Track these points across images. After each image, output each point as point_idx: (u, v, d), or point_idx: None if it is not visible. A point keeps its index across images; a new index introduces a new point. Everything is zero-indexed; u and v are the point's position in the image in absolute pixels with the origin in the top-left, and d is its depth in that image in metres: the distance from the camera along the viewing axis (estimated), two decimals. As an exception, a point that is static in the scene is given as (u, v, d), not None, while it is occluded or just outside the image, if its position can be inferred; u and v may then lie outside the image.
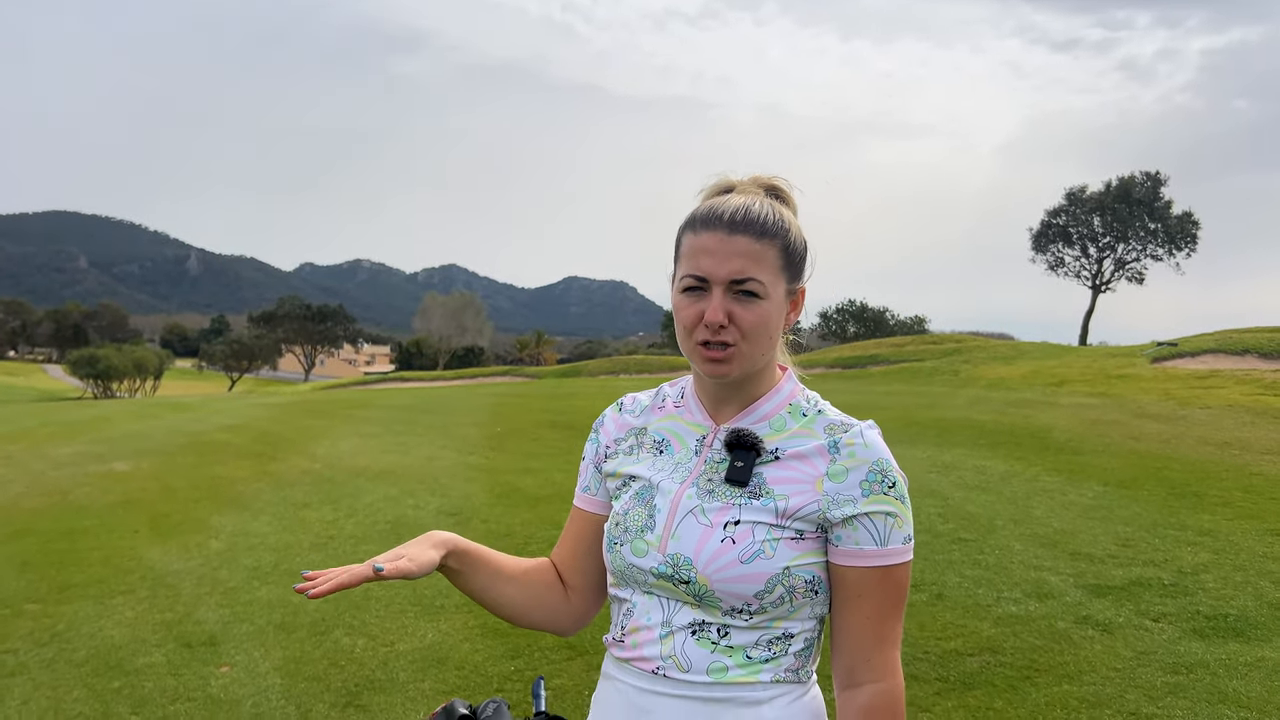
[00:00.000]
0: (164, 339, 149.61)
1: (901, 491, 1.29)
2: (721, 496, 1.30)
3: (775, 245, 1.30)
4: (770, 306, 1.29)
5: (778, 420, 1.34)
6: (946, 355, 22.00)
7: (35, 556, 6.33)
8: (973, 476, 8.14)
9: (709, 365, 1.30)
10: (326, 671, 4.24)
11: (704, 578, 1.25)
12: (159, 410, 19.75)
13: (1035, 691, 3.83)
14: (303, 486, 8.84)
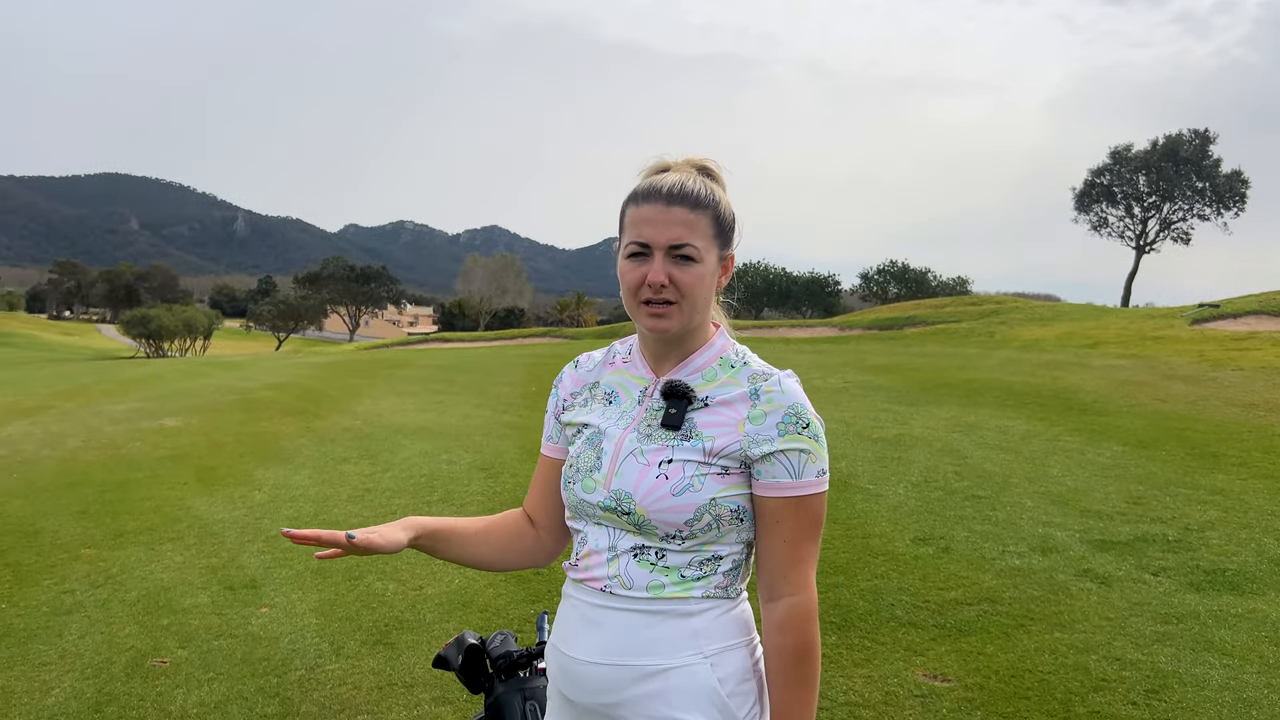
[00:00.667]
0: (213, 299, 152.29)
1: (815, 431, 1.45)
2: (658, 439, 1.49)
3: (707, 215, 1.48)
4: (704, 270, 1.47)
5: (709, 372, 1.52)
6: (984, 317, 21.90)
7: (91, 505, 6.71)
8: (994, 436, 8.25)
9: (651, 321, 1.48)
10: (359, 612, 4.53)
11: (641, 509, 1.45)
12: (208, 369, 20.32)
13: (1027, 638, 4.01)
14: (343, 442, 9.19)
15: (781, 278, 67.88)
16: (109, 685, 3.74)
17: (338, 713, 3.49)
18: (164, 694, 3.67)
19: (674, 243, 1.45)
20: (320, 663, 3.94)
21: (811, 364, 15.71)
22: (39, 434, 9.98)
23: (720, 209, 1.51)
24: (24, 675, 3.84)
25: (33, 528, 6.09)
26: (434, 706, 3.52)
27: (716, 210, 1.50)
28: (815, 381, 13.15)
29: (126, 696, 3.65)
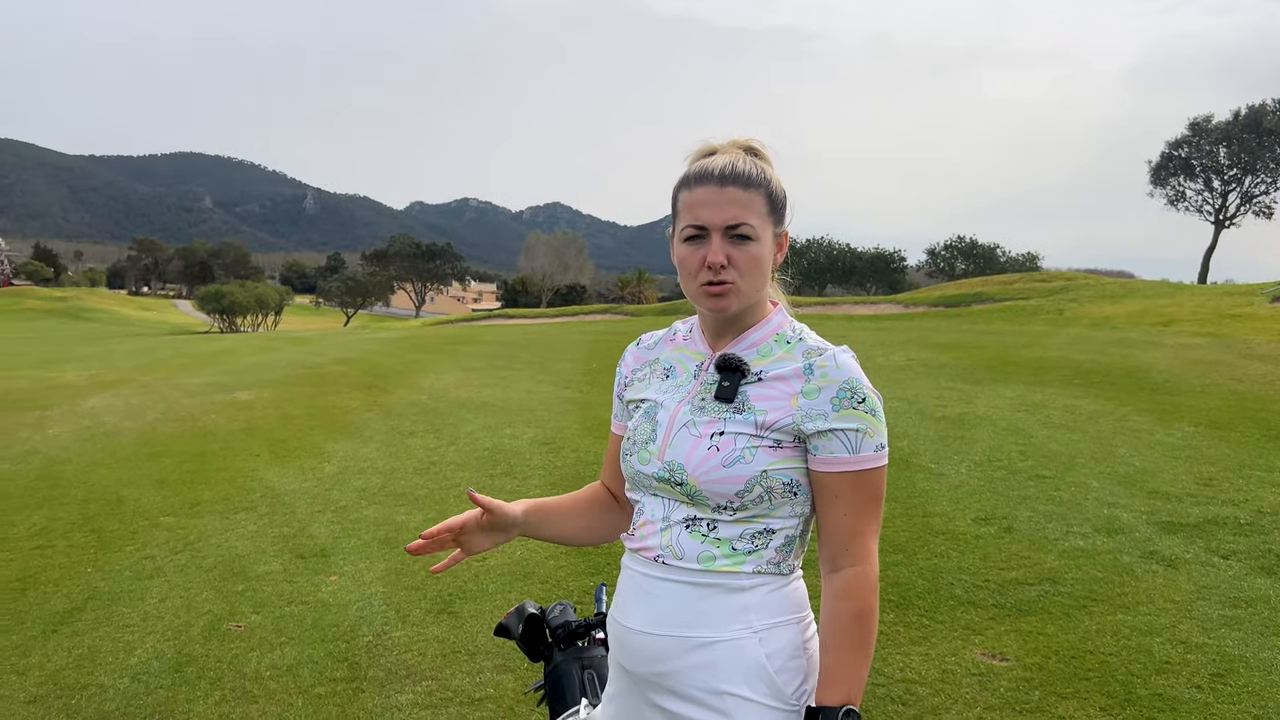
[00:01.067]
0: (283, 276, 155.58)
1: (872, 406, 1.46)
2: (711, 412, 1.52)
3: (760, 194, 1.50)
4: (761, 248, 1.50)
5: (765, 347, 1.54)
6: (1053, 294, 21.42)
7: (170, 475, 6.97)
8: (1060, 415, 8.11)
9: (711, 301, 1.51)
10: (424, 582, 4.65)
11: (693, 479, 1.48)
12: (279, 344, 20.83)
13: (1089, 619, 3.96)
14: (409, 416, 9.38)
15: (845, 254, 67.09)
16: (187, 647, 3.91)
17: (403, 678, 3.61)
18: (239, 656, 3.82)
19: (730, 223, 1.47)
20: (387, 630, 4.07)
21: (874, 341, 15.54)
22: (120, 406, 10.37)
23: (772, 187, 1.52)
24: (109, 636, 4.03)
25: (116, 496, 6.35)
26: (495, 674, 3.62)
27: (768, 188, 1.52)
28: (878, 359, 13.02)
29: (204, 658, 3.81)
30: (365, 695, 3.48)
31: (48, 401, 10.81)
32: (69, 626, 4.14)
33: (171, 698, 3.47)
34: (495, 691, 3.48)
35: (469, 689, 3.50)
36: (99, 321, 74.74)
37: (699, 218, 1.49)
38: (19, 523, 5.73)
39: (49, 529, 5.60)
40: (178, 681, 3.60)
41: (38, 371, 14.87)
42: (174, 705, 3.42)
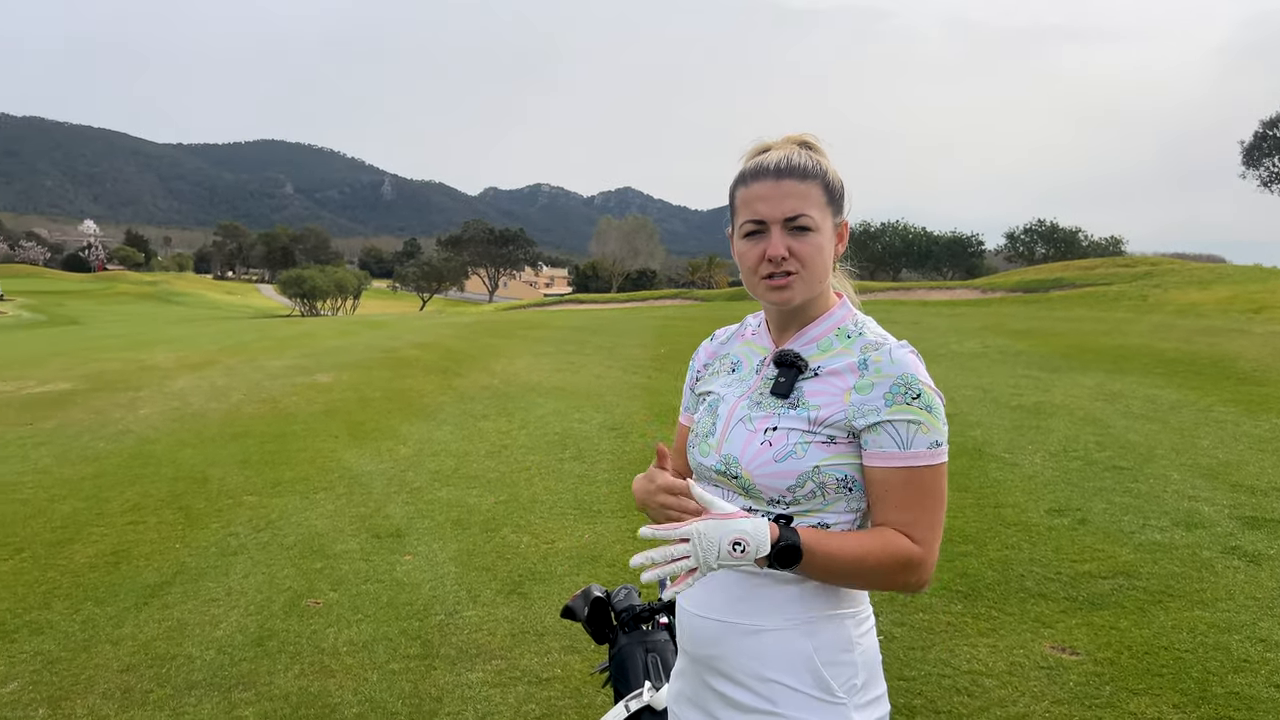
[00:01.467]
0: (362, 261, 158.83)
1: (927, 403, 1.43)
2: (767, 407, 1.54)
3: (817, 185, 1.50)
4: (821, 239, 1.50)
5: (825, 342, 1.54)
6: (1137, 279, 20.76)
7: (253, 455, 7.22)
8: (1140, 405, 7.89)
9: (774, 294, 1.52)
10: (494, 563, 4.75)
11: (747, 473, 1.50)
12: (357, 328, 21.32)
13: (1164, 615, 3.88)
14: (482, 400, 9.55)
15: (921, 237, 65.88)
16: (269, 622, 4.07)
17: (474, 657, 3.70)
18: (317, 632, 3.96)
19: (789, 215, 1.48)
20: (458, 609, 4.17)
21: (949, 328, 15.27)
22: (206, 387, 10.76)
23: (828, 177, 1.53)
24: (196, 610, 4.22)
25: (202, 475, 6.61)
26: (563, 655, 3.69)
27: (825, 179, 1.52)
28: (952, 346, 12.81)
29: (284, 633, 3.96)
30: (437, 672, 3.58)
31: (139, 383, 11.27)
32: (159, 599, 4.34)
33: (254, 670, 3.62)
34: (562, 672, 3.55)
35: (537, 669, 3.58)
36: (187, 305, 77.35)
37: (757, 212, 1.50)
38: (113, 499, 6.00)
39: (140, 505, 5.86)
40: (260, 654, 3.75)
41: (130, 354, 15.48)
42: (256, 677, 3.56)
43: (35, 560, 4.88)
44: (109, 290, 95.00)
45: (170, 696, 3.42)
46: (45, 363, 14.41)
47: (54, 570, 4.73)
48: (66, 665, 3.68)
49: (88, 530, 5.37)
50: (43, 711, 3.33)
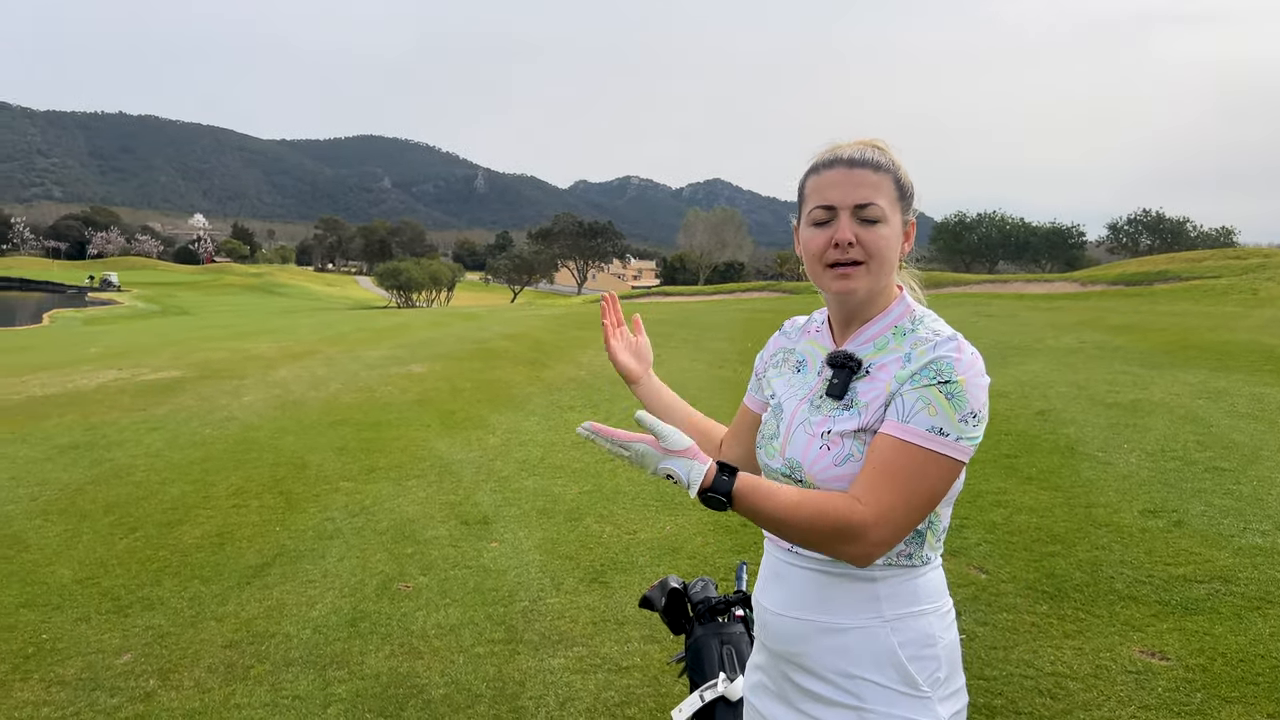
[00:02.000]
0: (455, 253, 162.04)
1: (952, 391, 1.40)
2: (823, 410, 1.55)
3: (889, 178, 1.51)
4: (890, 232, 1.50)
5: (881, 340, 1.54)
6: (1248, 272, 19.82)
7: (350, 443, 7.48)
8: (1246, 404, 7.57)
9: (839, 282, 1.52)
10: (577, 552, 4.85)
11: (810, 476, 1.52)
12: (450, 319, 21.78)
13: (1262, 622, 3.74)
14: (568, 391, 9.69)
15: (1019, 228, 64.05)
16: (362, 604, 4.24)
17: (556, 643, 3.80)
18: (407, 615, 4.11)
19: (860, 202, 1.48)
20: (542, 596, 4.27)
21: (1045, 322, 14.86)
22: (306, 377, 11.15)
23: (899, 173, 1.53)
24: (294, 591, 4.41)
25: (301, 461, 6.87)
26: (642, 644, 3.75)
27: (897, 174, 1.52)
28: (1048, 341, 12.47)
29: (376, 615, 4.12)
30: (520, 657, 3.68)
31: (244, 372, 11.74)
32: (260, 580, 4.55)
33: (347, 650, 3.78)
34: (641, 661, 3.61)
35: (617, 656, 3.65)
36: (289, 296, 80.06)
37: (828, 198, 1.50)
38: (219, 483, 6.30)
39: (244, 489, 6.13)
40: (352, 635, 3.91)
41: (235, 343, 16.13)
42: (349, 656, 3.72)
43: (148, 540, 5.16)
44: (216, 282, 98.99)
45: (269, 672, 3.60)
46: (158, 351, 15.13)
47: (165, 549, 5.00)
48: (175, 640, 3.90)
49: (195, 512, 5.65)
50: (154, 682, 3.54)
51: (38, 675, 3.61)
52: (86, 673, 3.62)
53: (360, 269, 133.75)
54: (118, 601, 4.31)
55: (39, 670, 3.65)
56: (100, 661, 3.71)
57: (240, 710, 3.32)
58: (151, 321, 40.01)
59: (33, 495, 6.08)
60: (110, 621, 4.09)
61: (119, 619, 4.12)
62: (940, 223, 72.14)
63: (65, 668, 3.67)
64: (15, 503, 5.92)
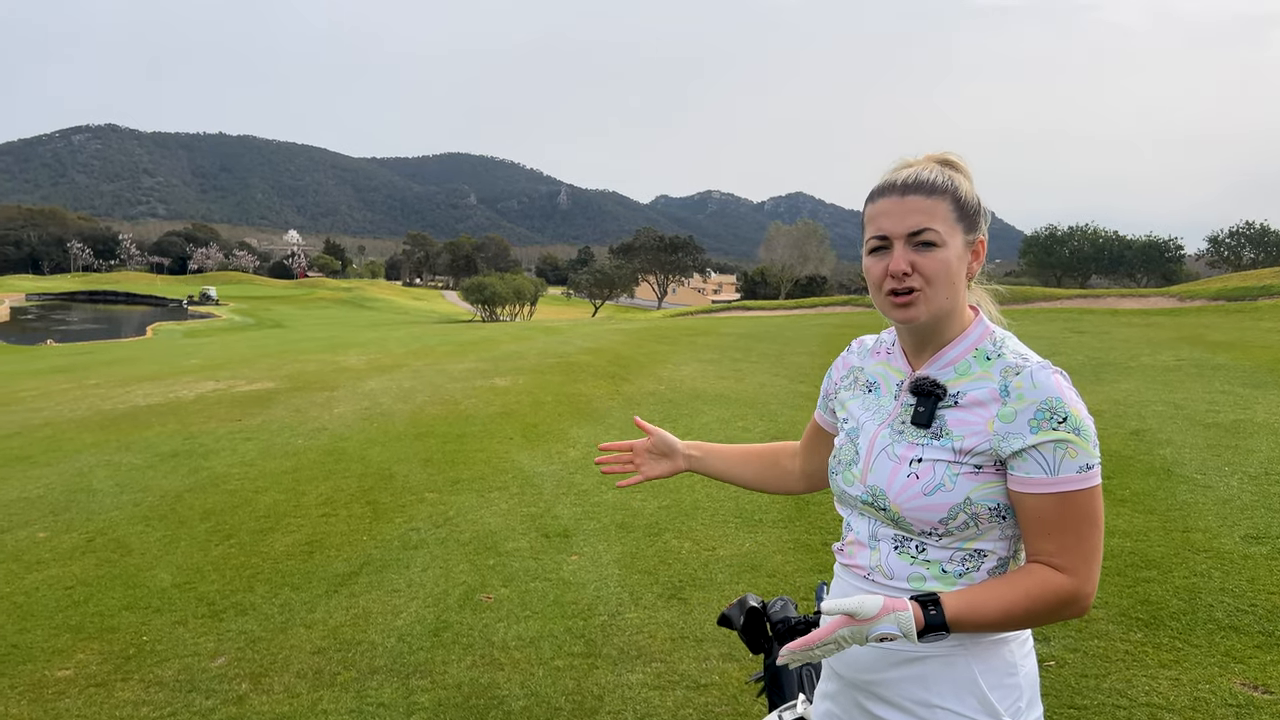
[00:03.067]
0: (538, 268, 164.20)
1: (1076, 425, 1.38)
2: (909, 436, 1.52)
3: (946, 200, 1.47)
4: (948, 254, 1.46)
5: (962, 365, 1.50)
6: (1364, 286, 18.83)
7: (435, 454, 7.62)
8: (1361, 427, 7.19)
9: (898, 311, 1.50)
10: (656, 567, 4.85)
11: (895, 506, 1.49)
12: (533, 333, 22.05)
13: (1377, 657, 3.55)
14: (648, 405, 9.72)
15: (1113, 242, 62.09)
16: (445, 614, 4.31)
17: (634, 658, 3.80)
18: (488, 626, 4.17)
19: (912, 230, 1.46)
20: (621, 611, 4.29)
21: (1140, 339, 14.35)
22: (394, 389, 11.41)
23: (960, 193, 1.49)
24: (379, 600, 4.51)
25: (388, 472, 7.03)
26: (721, 662, 3.74)
27: (955, 194, 1.48)
28: (1143, 358, 12.04)
29: (459, 625, 4.18)
30: (599, 671, 3.70)
31: (334, 383, 12.08)
32: (347, 588, 4.67)
33: (430, 659, 3.85)
34: (720, 679, 3.60)
35: (695, 674, 3.64)
36: (378, 310, 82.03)
37: (881, 228, 1.49)
38: (309, 492, 6.49)
39: (333, 499, 6.30)
40: (435, 645, 3.98)
41: (326, 355, 16.60)
42: (432, 666, 3.79)
43: (241, 547, 5.34)
44: (309, 295, 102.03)
45: (355, 680, 3.69)
46: (253, 363, 15.66)
47: (257, 556, 5.16)
48: (266, 645, 4.02)
49: (286, 520, 5.82)
50: (245, 686, 3.66)
51: (138, 676, 3.76)
52: (183, 675, 3.76)
53: (446, 284, 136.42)
54: (213, 606, 4.46)
55: (139, 671, 3.80)
56: (196, 664, 3.85)
57: (327, 716, 3.41)
58: (247, 334, 41.43)
59: (136, 501, 6.35)
60: (205, 625, 4.24)
61: (213, 623, 4.27)
62: (1029, 236, 70.36)
63: (163, 669, 3.81)
64: (120, 509, 6.19)
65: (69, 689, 3.67)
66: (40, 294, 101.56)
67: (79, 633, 4.20)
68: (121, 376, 14.64)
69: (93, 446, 8.34)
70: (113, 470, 7.31)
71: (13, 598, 4.64)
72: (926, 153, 1.58)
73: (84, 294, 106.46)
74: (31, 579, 4.90)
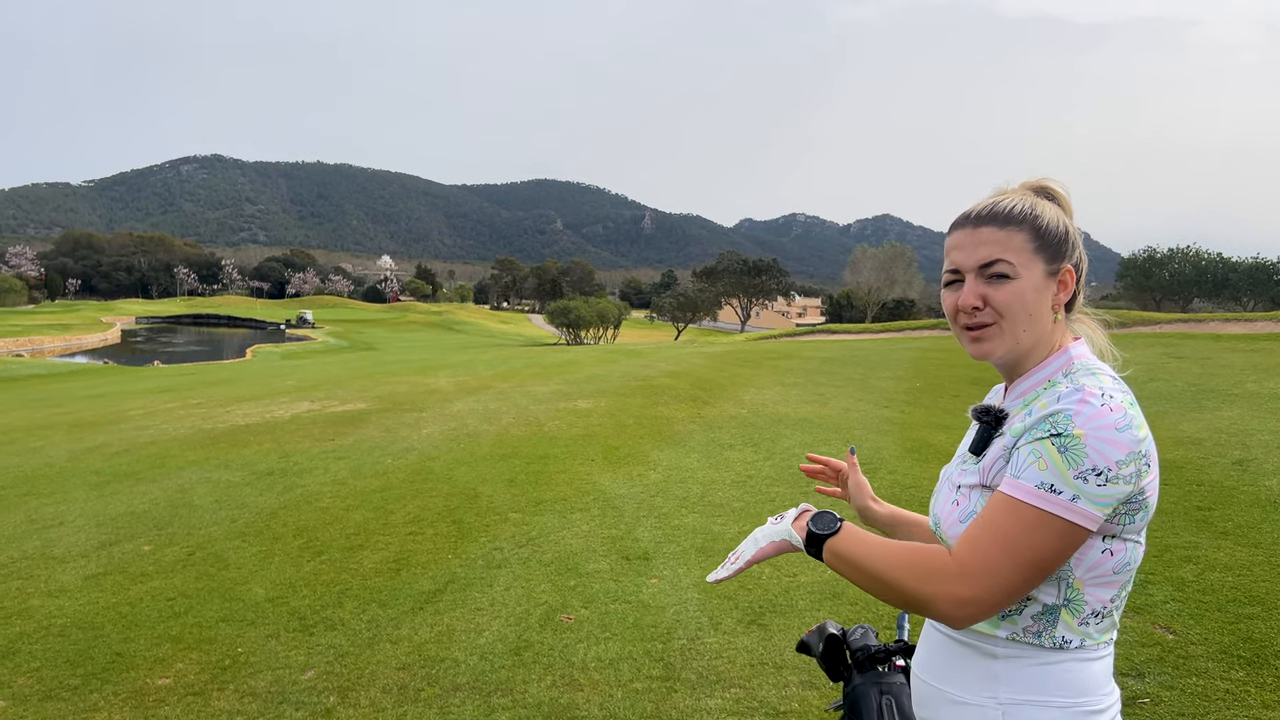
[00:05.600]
0: (622, 292, 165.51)
1: (1066, 444, 1.29)
2: (966, 464, 1.53)
3: (1023, 230, 1.44)
4: (1023, 286, 1.43)
5: (1031, 395, 1.45)
6: None
7: (519, 475, 7.73)
8: None
9: (972, 345, 1.48)
10: (736, 592, 4.83)
11: (944, 533, 1.49)
12: (616, 356, 22.18)
13: None
14: (729, 429, 9.69)
15: (1216, 264, 59.66)
16: (526, 633, 4.37)
17: (713, 683, 3.79)
18: (568, 647, 4.20)
19: (983, 262, 1.44)
20: (700, 635, 4.28)
21: (1246, 364, 13.74)
22: (480, 410, 11.61)
23: (1040, 222, 1.45)
24: (463, 617, 4.59)
25: (474, 492, 7.16)
26: (800, 689, 3.70)
27: (1035, 223, 1.45)
28: (1248, 385, 11.53)
29: (539, 645, 4.23)
30: (677, 695, 3.70)
31: (423, 405, 12.34)
32: (432, 605, 4.77)
33: (511, 678, 3.90)
34: (800, 706, 3.56)
35: (774, 701, 3.62)
36: (466, 333, 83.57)
37: (953, 261, 1.49)
38: (397, 510, 6.64)
39: (420, 518, 6.44)
40: (516, 664, 4.04)
41: (417, 377, 16.98)
42: (513, 684, 3.84)
43: (332, 563, 5.50)
44: (400, 319, 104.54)
45: (438, 696, 3.76)
46: (347, 384, 16.11)
47: (346, 573, 5.31)
48: (354, 660, 4.13)
49: (375, 538, 5.97)
50: (333, 699, 3.76)
51: (233, 686, 3.90)
52: (275, 686, 3.89)
53: (533, 307, 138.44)
54: (304, 620, 4.60)
55: (234, 681, 3.94)
56: (287, 676, 3.98)
57: (411, 730, 3.48)
58: (341, 356, 42.63)
59: (233, 518, 6.59)
60: (296, 639, 4.38)
61: (304, 637, 4.40)
62: (1127, 259, 68.15)
63: (256, 680, 3.95)
64: (218, 524, 6.43)
65: (168, 697, 3.82)
66: (149, 317, 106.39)
67: (179, 643, 4.38)
68: (222, 397, 15.21)
69: (195, 464, 8.69)
70: (212, 487, 7.61)
71: (119, 608, 4.86)
72: (1023, 180, 1.55)
73: (189, 317, 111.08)
74: (136, 590, 5.13)
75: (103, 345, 67.68)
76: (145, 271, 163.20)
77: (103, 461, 9.12)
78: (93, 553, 5.87)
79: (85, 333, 71.27)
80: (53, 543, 6.14)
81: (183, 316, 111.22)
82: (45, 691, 3.90)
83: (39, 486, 8.04)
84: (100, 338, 71.44)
